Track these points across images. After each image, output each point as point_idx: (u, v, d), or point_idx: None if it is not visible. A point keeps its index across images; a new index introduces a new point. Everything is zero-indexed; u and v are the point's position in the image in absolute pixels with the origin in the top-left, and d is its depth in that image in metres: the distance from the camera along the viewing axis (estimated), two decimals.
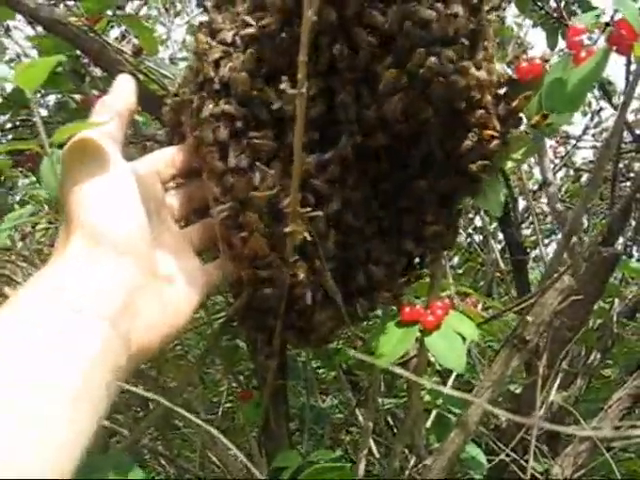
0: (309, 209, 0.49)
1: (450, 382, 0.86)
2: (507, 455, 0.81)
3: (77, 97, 0.96)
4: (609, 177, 1.46)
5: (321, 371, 1.20)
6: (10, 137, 1.03)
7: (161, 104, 0.63)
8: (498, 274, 1.74)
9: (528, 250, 1.67)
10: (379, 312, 0.71)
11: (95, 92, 0.87)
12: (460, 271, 2.01)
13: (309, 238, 0.50)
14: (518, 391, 0.96)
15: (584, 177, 2.12)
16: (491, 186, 0.60)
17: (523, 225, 1.82)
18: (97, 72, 0.89)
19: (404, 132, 0.53)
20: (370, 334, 0.64)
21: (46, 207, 0.71)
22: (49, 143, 0.55)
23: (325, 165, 0.52)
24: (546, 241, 2.12)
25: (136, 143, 0.79)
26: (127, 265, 0.45)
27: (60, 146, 0.50)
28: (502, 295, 1.93)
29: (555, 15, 1.26)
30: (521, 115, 0.58)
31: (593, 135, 2.03)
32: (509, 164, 0.60)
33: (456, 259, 2.11)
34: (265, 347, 0.60)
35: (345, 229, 0.55)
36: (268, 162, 0.52)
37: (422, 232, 0.59)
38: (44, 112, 1.08)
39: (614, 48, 0.53)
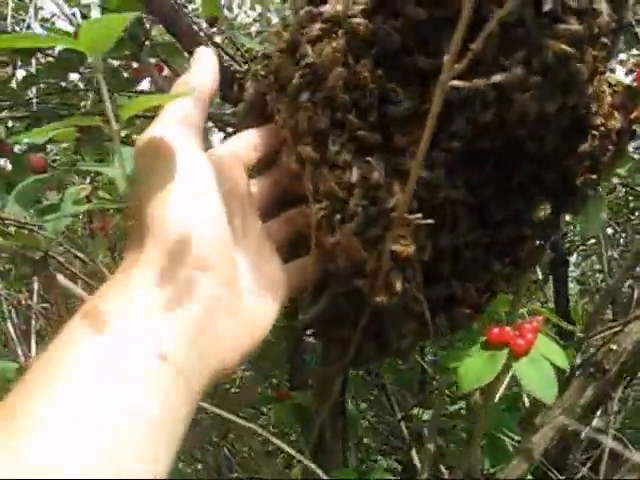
0: (419, 215, 0.44)
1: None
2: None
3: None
4: None
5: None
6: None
7: (233, 81, 0.57)
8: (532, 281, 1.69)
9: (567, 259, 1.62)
10: None
11: (153, 61, 0.80)
12: None
13: (412, 249, 0.45)
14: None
15: (618, 189, 2.07)
16: (594, 203, 0.55)
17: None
18: (158, 39, 0.83)
19: (521, 136, 0.48)
20: (447, 352, 0.59)
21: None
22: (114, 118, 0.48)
23: (431, 165, 0.47)
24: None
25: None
26: (207, 280, 0.40)
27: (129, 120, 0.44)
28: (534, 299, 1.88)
29: None
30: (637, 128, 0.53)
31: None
32: (614, 180, 0.55)
33: None
34: (335, 358, 0.55)
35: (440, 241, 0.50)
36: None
37: (515, 248, 0.54)
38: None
39: None
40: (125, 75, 0.88)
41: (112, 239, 1.24)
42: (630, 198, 1.92)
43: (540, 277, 1.51)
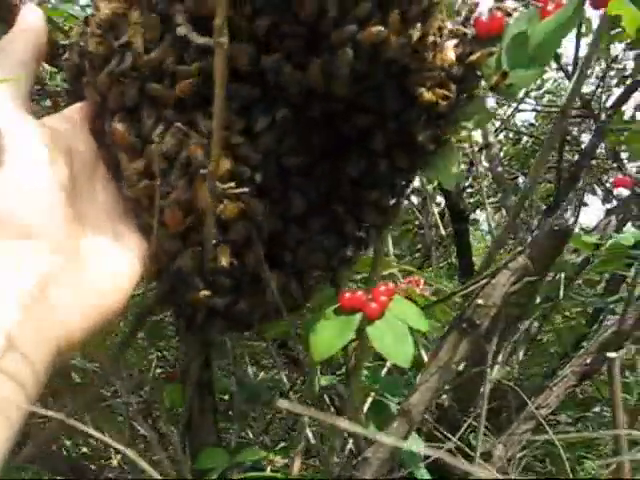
0: (232, 184, 0.41)
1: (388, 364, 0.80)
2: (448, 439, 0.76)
3: None
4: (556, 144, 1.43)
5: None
6: None
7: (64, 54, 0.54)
8: (437, 238, 1.70)
9: (468, 213, 1.63)
10: None
11: None
12: (396, 234, 1.96)
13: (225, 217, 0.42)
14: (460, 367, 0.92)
15: (524, 140, 2.09)
16: (444, 157, 0.53)
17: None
18: None
19: (347, 99, 0.46)
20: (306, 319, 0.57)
21: None
22: None
23: (257, 134, 0.44)
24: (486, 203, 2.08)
25: (41, 99, 0.68)
26: (34, 247, 0.37)
27: None
28: (442, 259, 1.90)
29: None
30: (478, 75, 0.51)
31: (535, 98, 1.99)
32: (462, 133, 0.53)
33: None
34: (188, 335, 0.52)
35: (279, 205, 0.48)
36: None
37: (362, 206, 0.52)
38: None
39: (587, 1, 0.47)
40: None
41: None
42: (537, 148, 1.95)
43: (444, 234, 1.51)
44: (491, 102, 2.01)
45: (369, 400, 0.75)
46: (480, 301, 0.60)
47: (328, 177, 0.51)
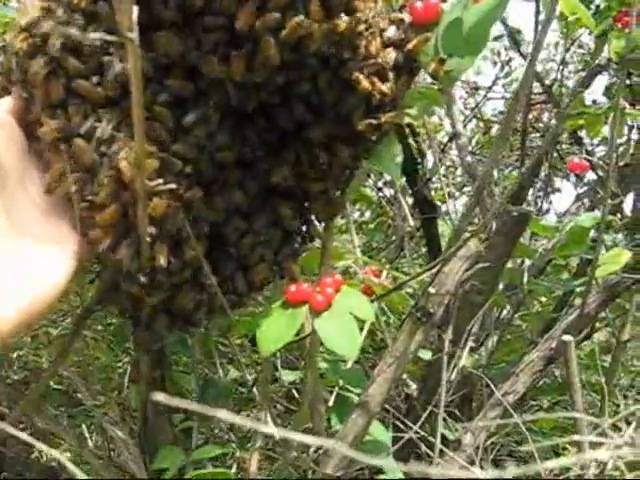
0: (160, 181, 0.41)
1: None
2: (414, 431, 0.76)
3: None
4: (519, 128, 1.43)
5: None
6: None
7: None
8: (409, 229, 1.69)
9: (439, 204, 1.63)
10: None
11: None
12: (371, 226, 1.96)
13: (156, 216, 0.42)
14: (428, 357, 0.92)
15: (494, 128, 2.09)
16: (386, 146, 0.53)
17: (433, 178, 1.77)
18: None
19: (281, 90, 0.45)
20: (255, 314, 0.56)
21: None
22: None
23: (188, 128, 0.44)
24: (457, 194, 2.08)
25: None
26: None
27: None
28: (414, 251, 1.90)
29: None
30: (417, 62, 0.51)
31: (503, 86, 1.99)
32: (406, 120, 0.53)
33: (367, 214, 2.06)
34: (135, 333, 0.52)
35: (215, 198, 0.47)
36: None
37: (305, 194, 0.52)
38: None
39: None
40: None
41: None
42: None
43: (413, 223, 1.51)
44: (460, 92, 2.02)
45: (334, 393, 0.75)
46: (433, 289, 0.60)
47: (269, 170, 0.50)
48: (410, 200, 1.76)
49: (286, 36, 0.41)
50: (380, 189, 1.95)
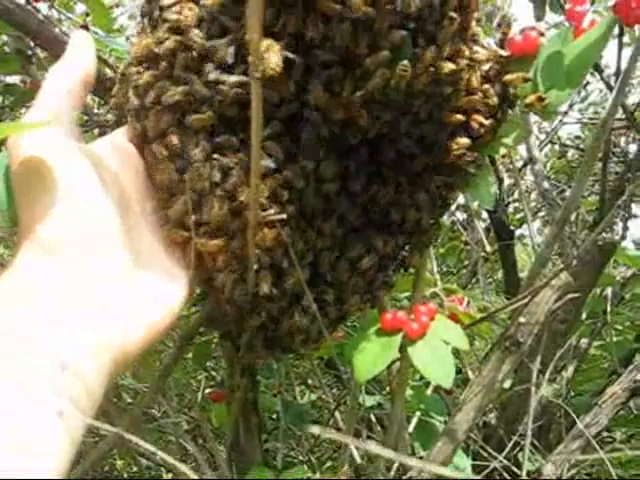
0: (272, 211, 0.42)
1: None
2: (496, 459, 0.76)
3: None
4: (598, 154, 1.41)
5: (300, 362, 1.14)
6: None
7: (111, 86, 0.55)
8: (483, 254, 1.68)
9: (514, 228, 1.62)
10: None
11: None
12: (443, 250, 1.96)
13: (265, 245, 0.43)
14: (507, 385, 0.91)
15: (570, 153, 2.07)
16: (481, 176, 0.53)
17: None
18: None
19: (385, 122, 0.46)
20: (348, 341, 0.57)
21: None
22: None
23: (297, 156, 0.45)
24: (531, 218, 2.06)
25: (88, 129, 0.70)
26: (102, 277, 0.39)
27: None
28: (488, 275, 1.88)
29: None
30: (515, 96, 0.51)
31: (579, 110, 1.97)
32: (501, 150, 0.54)
33: (439, 238, 2.05)
34: (234, 356, 0.53)
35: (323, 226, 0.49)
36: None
37: (400, 224, 0.53)
38: None
39: (619, 18, 0.47)
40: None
41: None
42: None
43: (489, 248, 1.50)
44: (535, 116, 2.00)
45: (415, 419, 0.75)
46: (523, 319, 0.60)
47: (367, 201, 0.51)
48: (483, 224, 1.75)
49: (395, 83, 0.42)
50: (453, 213, 1.94)
